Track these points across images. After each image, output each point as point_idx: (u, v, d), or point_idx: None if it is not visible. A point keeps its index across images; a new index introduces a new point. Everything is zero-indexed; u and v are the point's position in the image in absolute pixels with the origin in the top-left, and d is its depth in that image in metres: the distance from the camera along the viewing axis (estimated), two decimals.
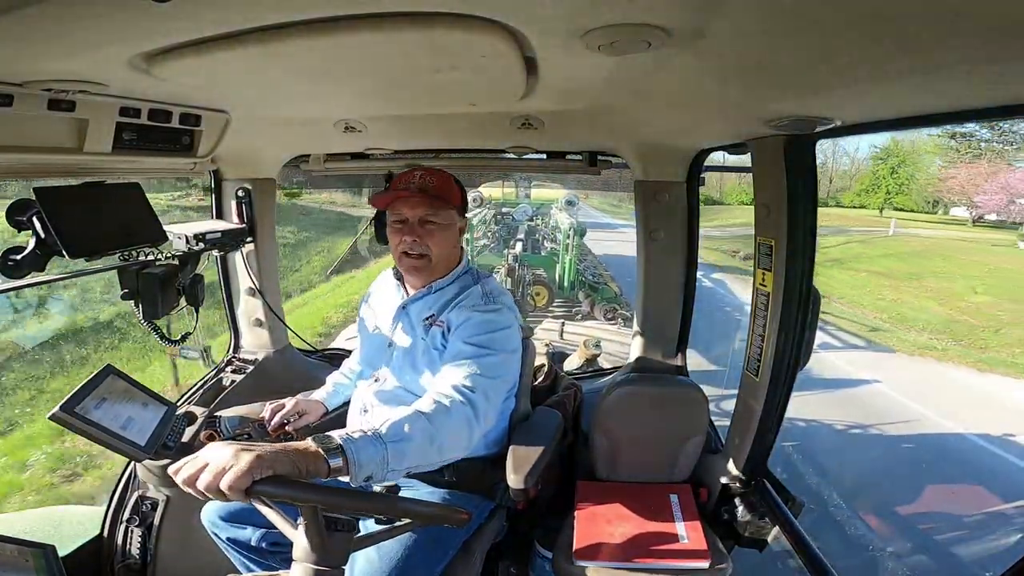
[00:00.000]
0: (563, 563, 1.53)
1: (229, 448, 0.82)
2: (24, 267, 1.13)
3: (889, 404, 6.66)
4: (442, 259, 1.37)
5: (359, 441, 0.91)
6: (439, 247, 1.34)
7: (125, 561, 1.58)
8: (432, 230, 1.33)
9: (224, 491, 0.79)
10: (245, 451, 0.82)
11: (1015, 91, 0.78)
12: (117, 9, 0.65)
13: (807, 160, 1.29)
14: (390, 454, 0.94)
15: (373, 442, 0.93)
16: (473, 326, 1.27)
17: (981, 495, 4.77)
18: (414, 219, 1.32)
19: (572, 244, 8.89)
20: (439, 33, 0.74)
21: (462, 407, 1.11)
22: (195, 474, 0.81)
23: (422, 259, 1.34)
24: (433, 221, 1.32)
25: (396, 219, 1.34)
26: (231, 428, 1.49)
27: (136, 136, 1.23)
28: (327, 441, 0.89)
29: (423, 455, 1.02)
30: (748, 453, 1.63)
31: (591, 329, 5.01)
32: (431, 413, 1.06)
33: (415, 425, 1.01)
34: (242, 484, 0.79)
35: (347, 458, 0.88)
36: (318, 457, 0.86)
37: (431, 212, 1.32)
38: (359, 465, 0.89)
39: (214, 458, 0.82)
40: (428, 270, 1.37)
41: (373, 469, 0.91)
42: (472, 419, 1.12)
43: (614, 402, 1.81)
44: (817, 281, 1.42)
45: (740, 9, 0.64)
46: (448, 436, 1.07)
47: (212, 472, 0.80)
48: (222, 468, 0.80)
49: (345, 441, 0.90)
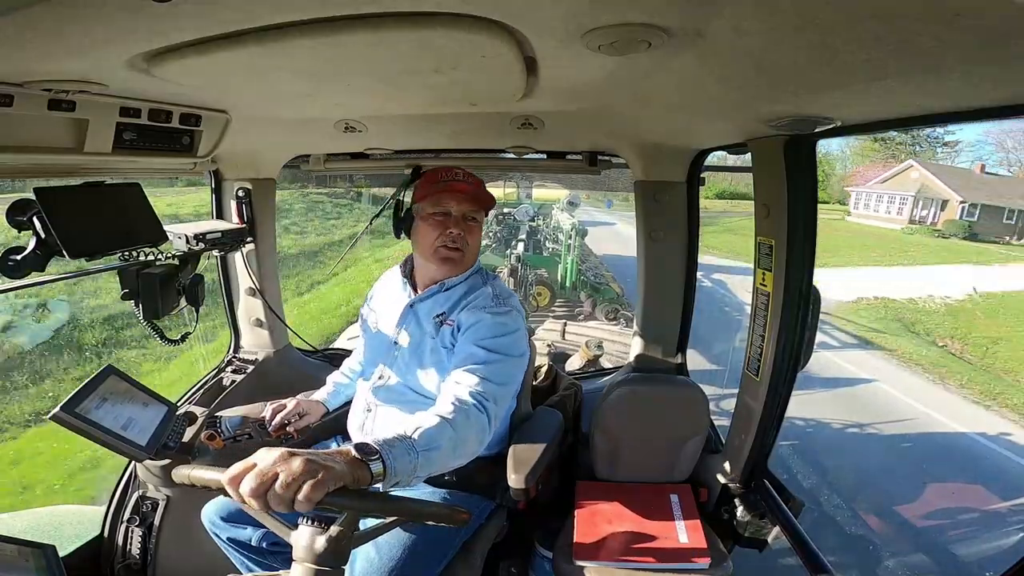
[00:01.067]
0: (563, 563, 1.53)
1: (295, 458, 0.80)
2: (24, 267, 1.13)
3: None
4: (472, 255, 1.41)
5: (395, 449, 0.92)
6: (475, 244, 1.39)
7: (125, 561, 1.58)
8: (472, 227, 1.38)
9: (296, 504, 0.78)
10: (310, 460, 0.80)
11: (1015, 91, 0.77)
12: (117, 9, 0.65)
13: (807, 160, 1.29)
14: (420, 462, 0.95)
15: (408, 451, 0.94)
16: (484, 328, 1.27)
17: (981, 494, 4.77)
18: (459, 214, 1.35)
19: (574, 244, 8.89)
20: (439, 33, 0.74)
21: (479, 416, 1.12)
22: (262, 486, 0.78)
23: (458, 252, 1.37)
24: (475, 218, 1.37)
25: (439, 211, 1.36)
26: (232, 428, 1.49)
27: (136, 136, 1.23)
28: (366, 449, 0.89)
29: (444, 463, 1.04)
30: (748, 453, 1.63)
31: (593, 330, 5.02)
32: (455, 422, 1.06)
33: (443, 435, 1.02)
34: (318, 497, 0.78)
35: (385, 466, 0.89)
36: (364, 465, 0.87)
37: (475, 209, 1.36)
38: (394, 472, 0.90)
39: (282, 469, 0.79)
40: (461, 264, 1.39)
41: (402, 476, 0.92)
42: (486, 427, 1.14)
43: (614, 402, 1.81)
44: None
45: (740, 9, 0.64)
46: (467, 444, 1.09)
47: (285, 484, 0.78)
48: (292, 480, 0.78)
49: (383, 448, 0.90)
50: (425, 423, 1.02)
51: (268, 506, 0.79)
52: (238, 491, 0.80)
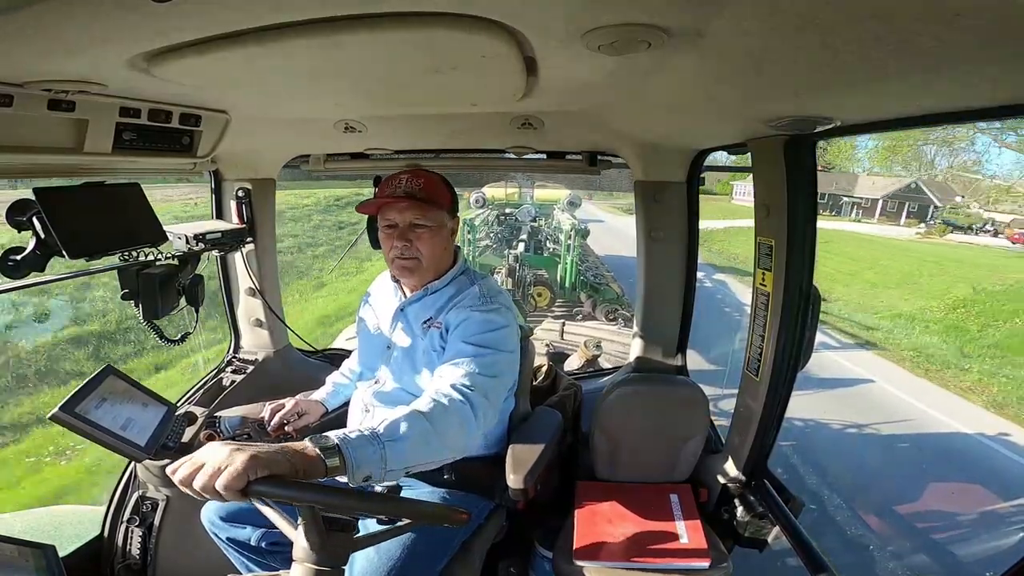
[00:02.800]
0: (563, 563, 1.53)
1: (225, 448, 0.82)
2: (24, 267, 1.13)
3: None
4: (433, 261, 1.37)
5: (355, 441, 0.91)
6: (429, 250, 1.35)
7: (125, 561, 1.58)
8: (421, 234, 1.33)
9: (220, 491, 0.79)
10: (240, 451, 0.81)
11: (1015, 91, 0.77)
12: (117, 9, 0.65)
13: (807, 160, 1.29)
14: (388, 453, 0.94)
15: (370, 442, 0.93)
16: (472, 325, 1.27)
17: (981, 494, 4.77)
18: (403, 223, 1.32)
19: (574, 244, 8.89)
20: (439, 33, 0.74)
21: (461, 406, 1.11)
22: (191, 474, 0.81)
23: (413, 261, 1.35)
24: (422, 225, 1.32)
25: (386, 224, 1.35)
26: (231, 428, 1.49)
27: (136, 136, 1.23)
28: (324, 441, 0.89)
29: (421, 454, 1.02)
30: (748, 453, 1.63)
31: (592, 330, 5.02)
32: (429, 412, 1.05)
33: (413, 424, 1.01)
34: (238, 484, 0.79)
35: (344, 458, 0.88)
36: (315, 457, 0.86)
37: (419, 216, 1.32)
38: (356, 465, 0.89)
39: (210, 458, 0.82)
40: (420, 272, 1.37)
41: (371, 469, 0.91)
42: (471, 418, 1.12)
43: (614, 402, 1.81)
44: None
45: (740, 9, 0.64)
46: (446, 435, 1.07)
47: (208, 472, 0.80)
48: (218, 468, 0.80)
49: (342, 441, 0.90)
50: (393, 416, 1.02)
51: (197, 492, 0.81)
52: (175, 479, 0.83)
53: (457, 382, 1.15)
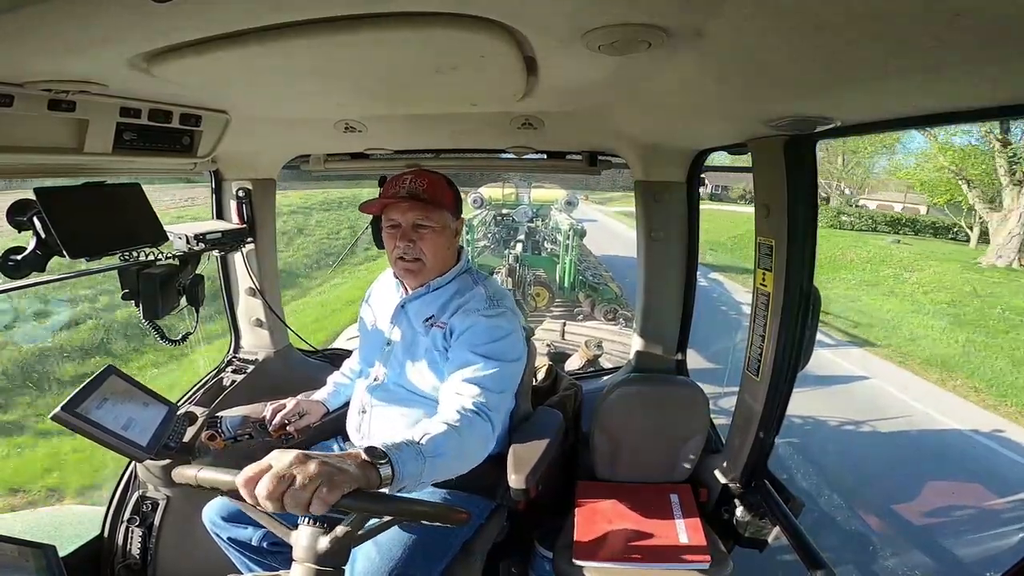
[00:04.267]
0: (563, 563, 1.53)
1: (311, 462, 0.80)
2: (24, 267, 1.13)
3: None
4: (437, 261, 1.37)
5: (404, 454, 0.92)
6: (433, 250, 1.35)
7: (125, 561, 1.58)
8: (424, 234, 1.33)
9: (312, 506, 0.78)
10: (325, 463, 0.80)
11: (1015, 91, 0.77)
12: (117, 9, 0.65)
13: (807, 160, 1.29)
14: (426, 468, 0.95)
15: (415, 457, 0.94)
16: (479, 333, 1.27)
17: (981, 493, 4.77)
18: (406, 224, 1.33)
19: (572, 245, 8.88)
20: (439, 33, 0.74)
21: (483, 424, 1.13)
22: (278, 489, 0.78)
23: (416, 262, 1.35)
24: (425, 225, 1.33)
25: (389, 224, 1.35)
26: (232, 429, 1.49)
27: (136, 136, 1.23)
28: (375, 452, 0.90)
29: (449, 470, 1.04)
30: (748, 453, 1.63)
31: (591, 330, 5.02)
32: (461, 430, 1.07)
33: (450, 442, 1.02)
34: (334, 500, 0.79)
35: (394, 470, 0.89)
36: (374, 468, 0.87)
37: (423, 216, 1.32)
38: (400, 477, 0.90)
39: (298, 471, 0.79)
40: (423, 273, 1.38)
41: (409, 481, 0.92)
42: (490, 435, 1.16)
43: (614, 402, 1.81)
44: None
45: (740, 9, 0.64)
46: (471, 452, 1.11)
47: (302, 485, 0.78)
48: (307, 483, 0.78)
49: (391, 452, 0.91)
50: (433, 430, 1.02)
51: (284, 508, 0.79)
52: (253, 493, 0.80)
53: (476, 399, 1.16)
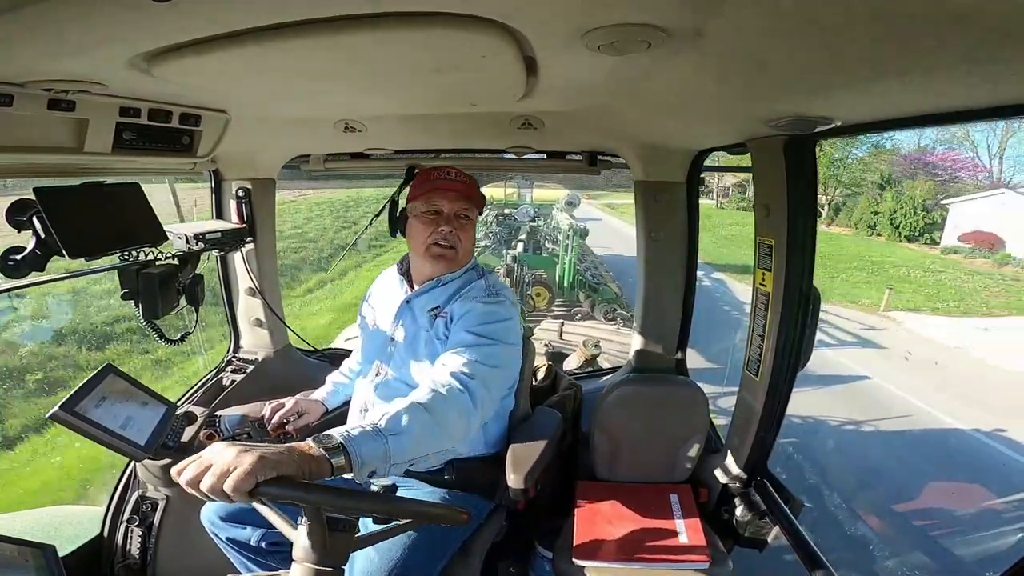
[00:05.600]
0: (563, 563, 1.53)
1: (231, 449, 0.82)
2: (24, 267, 1.13)
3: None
4: (466, 254, 1.42)
5: (359, 437, 0.92)
6: (467, 242, 1.39)
7: (125, 561, 1.58)
8: (465, 225, 1.38)
9: (228, 493, 0.79)
10: (247, 452, 0.81)
11: (1015, 91, 0.77)
12: (117, 9, 0.65)
13: (807, 160, 1.29)
14: (391, 447, 0.94)
15: (373, 437, 0.93)
16: (475, 316, 1.28)
17: (980, 493, 4.77)
18: (450, 212, 1.36)
19: (572, 245, 8.88)
20: (439, 33, 0.74)
21: (460, 395, 1.12)
22: (198, 475, 0.81)
23: (451, 250, 1.37)
24: (467, 216, 1.38)
25: (431, 210, 1.37)
26: (231, 428, 1.49)
27: (136, 136, 1.23)
28: (328, 440, 0.89)
29: (424, 446, 1.02)
30: (748, 453, 1.63)
31: (590, 329, 5.02)
32: (429, 403, 1.06)
33: (414, 416, 1.01)
34: (246, 486, 0.79)
35: (349, 456, 0.88)
36: (320, 457, 0.86)
37: (466, 207, 1.37)
38: (361, 462, 0.89)
39: (217, 459, 0.81)
40: (454, 261, 1.40)
41: (376, 464, 0.92)
42: (470, 407, 1.13)
43: (614, 402, 1.81)
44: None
45: (740, 9, 0.64)
46: (447, 425, 1.07)
47: (216, 474, 0.80)
48: (226, 470, 0.79)
49: (345, 439, 0.90)
50: (393, 408, 1.01)
51: (204, 494, 0.81)
52: (180, 480, 0.82)
53: (457, 370, 1.15)
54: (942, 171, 24.66)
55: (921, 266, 17.23)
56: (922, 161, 24.73)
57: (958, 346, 9.74)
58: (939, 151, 25.83)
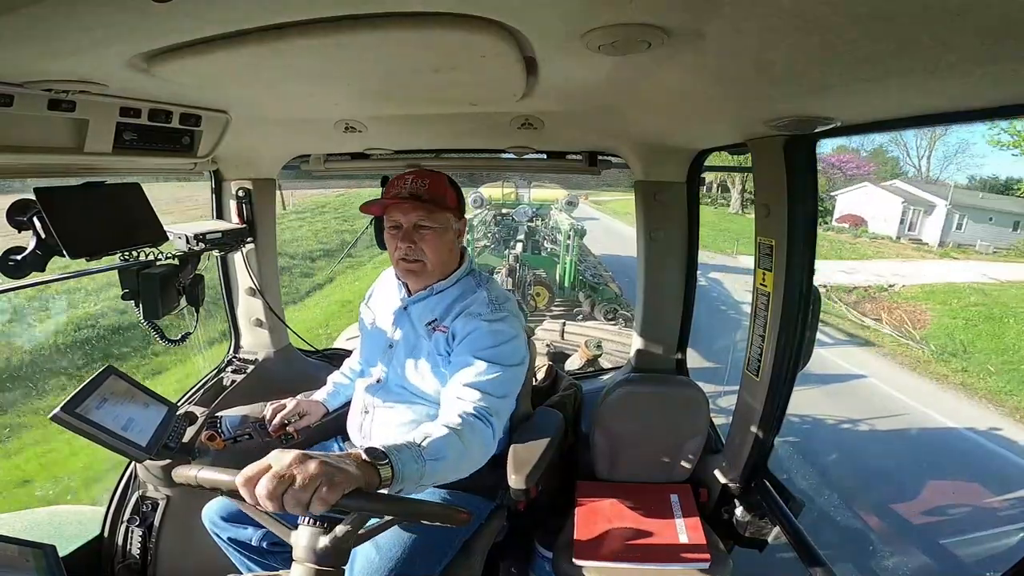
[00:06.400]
0: (563, 563, 1.53)
1: (311, 461, 0.80)
2: (24, 267, 1.13)
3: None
4: (438, 263, 1.36)
5: (404, 455, 0.93)
6: (434, 252, 1.34)
7: (125, 561, 1.58)
8: (426, 235, 1.32)
9: (310, 506, 0.78)
10: (325, 463, 0.80)
11: (1015, 91, 0.77)
12: (117, 9, 0.65)
13: (807, 160, 1.29)
14: (427, 471, 0.95)
15: (415, 459, 0.94)
16: (481, 338, 1.26)
17: (980, 493, 4.77)
18: (408, 225, 1.32)
19: (572, 245, 8.88)
20: (439, 33, 0.74)
21: (484, 429, 1.13)
22: (280, 487, 0.77)
23: (417, 263, 1.34)
24: (427, 226, 1.32)
25: (391, 225, 1.35)
26: (232, 428, 1.49)
27: (136, 136, 1.23)
28: (375, 453, 0.90)
29: (448, 474, 1.04)
30: (748, 453, 1.63)
31: (591, 329, 5.01)
32: (463, 434, 1.07)
33: (451, 446, 1.03)
34: (333, 499, 0.78)
35: (394, 471, 0.89)
36: (374, 469, 0.87)
37: (424, 217, 1.31)
38: (401, 478, 0.90)
39: (297, 472, 0.78)
40: (424, 274, 1.37)
41: (408, 483, 0.92)
42: (491, 440, 1.15)
43: (614, 402, 1.81)
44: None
45: (740, 9, 0.64)
46: (472, 457, 1.10)
47: (303, 487, 0.77)
48: (313, 483, 0.78)
49: (391, 453, 0.91)
50: (434, 432, 1.02)
51: (283, 508, 0.78)
52: (253, 493, 0.79)
53: (477, 405, 1.16)
54: (838, 170, 30.45)
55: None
56: (827, 162, 30.05)
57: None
58: (842, 155, 31.97)
